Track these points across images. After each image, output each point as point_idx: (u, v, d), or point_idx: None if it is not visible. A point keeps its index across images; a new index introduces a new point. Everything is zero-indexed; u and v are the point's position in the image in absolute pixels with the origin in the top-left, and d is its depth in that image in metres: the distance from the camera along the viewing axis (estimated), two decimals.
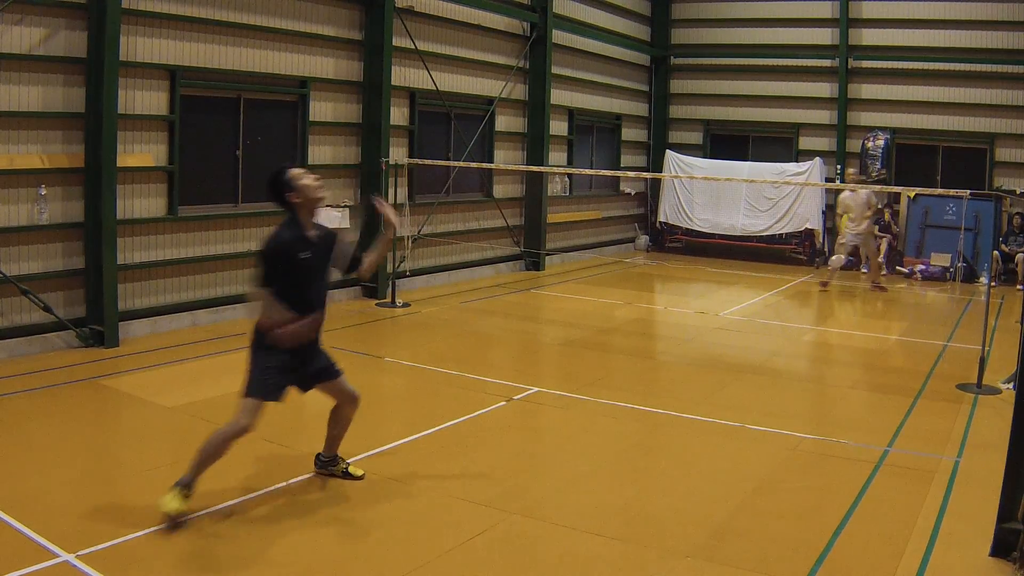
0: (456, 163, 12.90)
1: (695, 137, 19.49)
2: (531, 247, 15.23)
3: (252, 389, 4.83)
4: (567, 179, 16.79)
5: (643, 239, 18.97)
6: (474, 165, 13.01)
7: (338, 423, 5.28)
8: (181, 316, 9.48)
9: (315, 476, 5.46)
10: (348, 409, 5.23)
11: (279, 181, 4.91)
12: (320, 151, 11.23)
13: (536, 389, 7.67)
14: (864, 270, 16.18)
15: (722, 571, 4.40)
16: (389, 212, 5.12)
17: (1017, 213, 15.35)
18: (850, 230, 13.75)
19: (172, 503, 4.59)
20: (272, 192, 4.94)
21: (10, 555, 4.20)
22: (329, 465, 5.42)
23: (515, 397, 7.41)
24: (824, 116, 17.91)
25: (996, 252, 14.24)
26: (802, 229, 16.71)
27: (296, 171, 4.95)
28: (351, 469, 5.44)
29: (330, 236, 5.07)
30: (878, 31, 17.22)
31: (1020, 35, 15.92)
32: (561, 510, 5.10)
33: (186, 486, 4.66)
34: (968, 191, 9.15)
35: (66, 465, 5.54)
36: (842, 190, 14.01)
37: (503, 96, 14.50)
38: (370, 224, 11.80)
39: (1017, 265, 14.72)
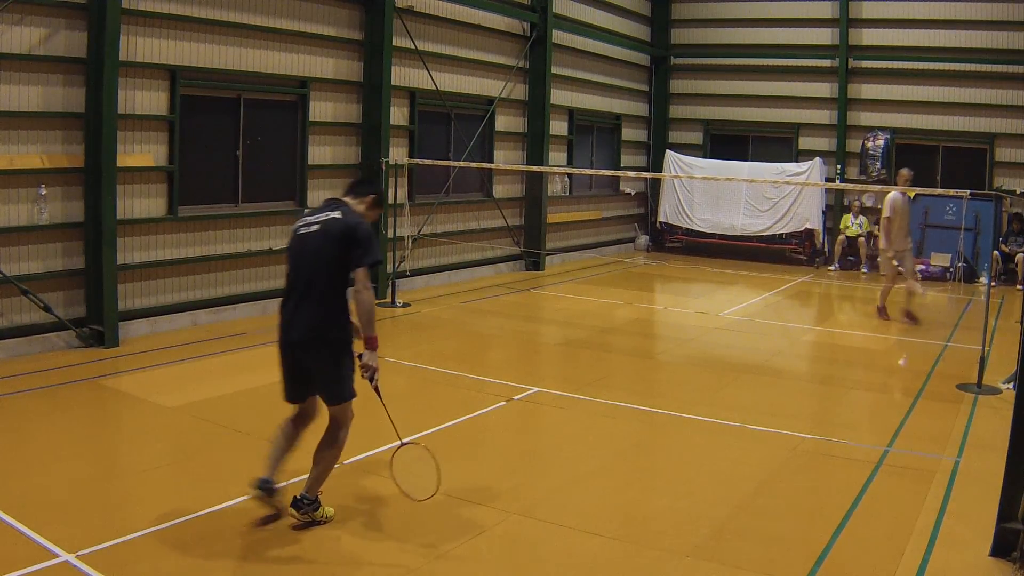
0: (456, 163, 12.89)
1: (695, 137, 19.49)
2: (531, 247, 15.23)
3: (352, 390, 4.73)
4: (567, 179, 16.79)
5: (643, 239, 18.96)
6: (474, 165, 13.01)
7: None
8: (181, 316, 9.47)
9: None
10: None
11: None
12: (320, 151, 11.23)
13: (536, 389, 7.67)
14: (865, 270, 16.19)
15: (722, 571, 4.39)
16: None
17: (1017, 213, 15.35)
18: (897, 244, 11.05)
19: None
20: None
21: (10, 555, 4.20)
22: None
23: (515, 397, 7.40)
24: (824, 116, 17.91)
25: (996, 252, 14.24)
26: (802, 229, 16.70)
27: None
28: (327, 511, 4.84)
29: None
30: (878, 31, 17.22)
31: (1020, 35, 15.92)
32: (561, 510, 5.09)
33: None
34: (968, 191, 9.15)
35: (66, 465, 5.53)
36: (842, 191, 13.96)
37: (503, 96, 14.50)
38: None
39: (1017, 265, 14.73)
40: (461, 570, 4.34)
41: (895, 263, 11.11)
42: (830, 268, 16.44)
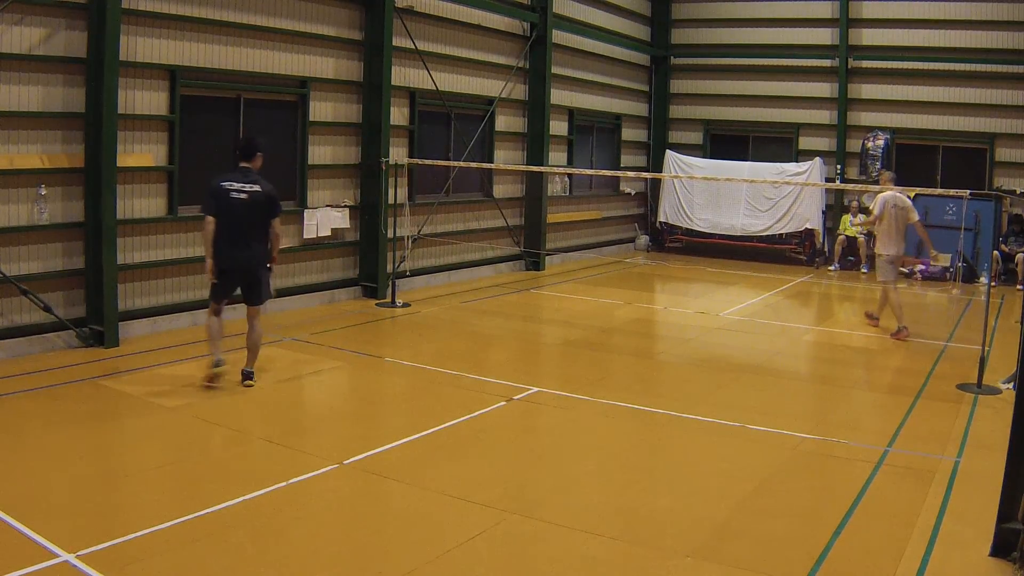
0: (456, 163, 12.89)
1: (695, 137, 19.50)
2: (531, 247, 15.23)
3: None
4: (567, 179, 16.79)
5: (643, 239, 18.97)
6: (474, 165, 13.01)
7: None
8: (181, 316, 9.47)
9: (314, 477, 5.46)
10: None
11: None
12: (320, 151, 11.23)
13: (536, 389, 7.67)
14: (864, 270, 16.18)
15: (722, 571, 4.40)
16: None
17: (1016, 214, 15.34)
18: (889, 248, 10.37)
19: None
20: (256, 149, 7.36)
21: (10, 555, 4.20)
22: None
23: (515, 397, 7.41)
24: (824, 116, 17.91)
25: (996, 252, 14.24)
26: (802, 229, 16.70)
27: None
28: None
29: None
30: (878, 31, 17.22)
31: (1020, 35, 15.92)
32: (561, 510, 5.10)
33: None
34: (968, 191, 9.15)
35: (66, 465, 5.54)
36: (842, 191, 13.96)
37: (503, 96, 14.50)
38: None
39: (1017, 265, 14.73)
40: (461, 570, 4.34)
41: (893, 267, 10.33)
42: (830, 268, 16.44)
